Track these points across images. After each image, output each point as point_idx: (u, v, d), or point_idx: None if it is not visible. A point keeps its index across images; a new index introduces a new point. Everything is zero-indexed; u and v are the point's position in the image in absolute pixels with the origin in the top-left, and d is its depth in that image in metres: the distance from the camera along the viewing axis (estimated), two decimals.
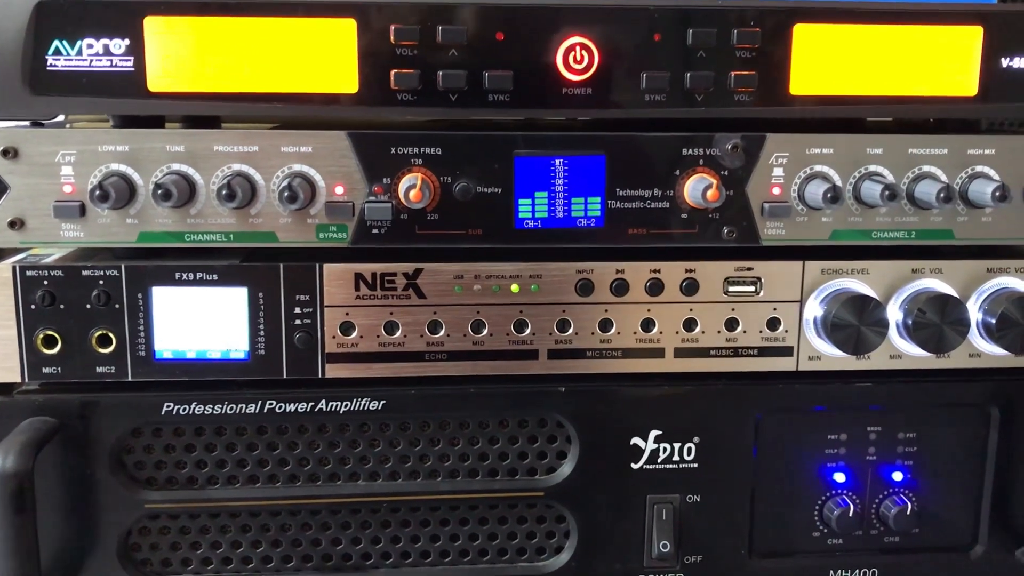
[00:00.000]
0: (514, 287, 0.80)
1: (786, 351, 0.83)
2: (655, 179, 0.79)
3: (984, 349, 0.84)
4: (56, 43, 0.73)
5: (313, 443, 0.82)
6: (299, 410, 0.80)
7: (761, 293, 0.82)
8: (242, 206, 0.76)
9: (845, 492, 0.87)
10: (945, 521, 0.88)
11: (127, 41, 0.73)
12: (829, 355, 0.83)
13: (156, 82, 0.74)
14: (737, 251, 0.81)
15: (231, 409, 0.79)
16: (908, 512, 0.86)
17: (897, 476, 0.87)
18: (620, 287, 0.80)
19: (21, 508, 0.73)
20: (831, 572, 0.88)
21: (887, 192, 0.77)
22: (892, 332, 0.82)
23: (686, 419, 0.84)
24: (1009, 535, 0.88)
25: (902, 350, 0.83)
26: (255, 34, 0.73)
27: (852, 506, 0.86)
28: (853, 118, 0.84)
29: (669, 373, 0.83)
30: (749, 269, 0.81)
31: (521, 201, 0.78)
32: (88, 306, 0.77)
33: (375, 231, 0.78)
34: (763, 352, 0.83)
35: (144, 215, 0.76)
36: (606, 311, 0.81)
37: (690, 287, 0.81)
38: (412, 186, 0.75)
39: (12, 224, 0.75)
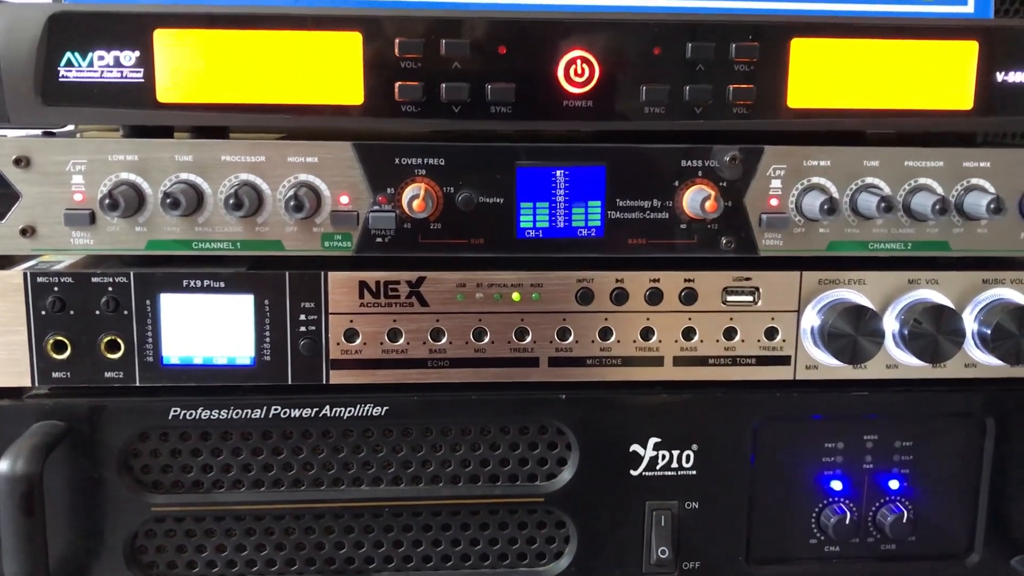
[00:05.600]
0: (515, 295, 0.81)
1: (783, 360, 0.84)
2: (655, 190, 0.80)
3: (979, 359, 0.84)
4: (68, 54, 0.74)
5: (317, 448, 0.83)
6: (304, 415, 0.81)
7: (759, 303, 0.83)
8: (249, 215, 0.77)
9: (842, 500, 0.88)
10: (941, 529, 0.89)
11: (137, 53, 0.74)
12: (826, 364, 0.84)
13: (165, 93, 0.75)
14: (735, 261, 0.82)
15: (237, 414, 0.81)
16: (904, 520, 0.87)
17: (893, 484, 0.88)
18: (620, 296, 0.82)
19: (30, 510, 0.74)
20: None
21: (883, 204, 0.77)
22: (888, 342, 0.83)
23: (685, 427, 0.85)
24: (1004, 543, 0.89)
25: (898, 360, 0.84)
26: (263, 47, 0.75)
27: (849, 514, 0.87)
28: (850, 131, 0.85)
29: (668, 381, 0.84)
30: (747, 279, 0.83)
31: (523, 211, 0.79)
32: (97, 312, 0.78)
33: (379, 240, 0.79)
34: (761, 361, 0.84)
35: (153, 223, 0.78)
36: (606, 320, 0.82)
37: (689, 296, 0.82)
38: (416, 196, 0.76)
39: (24, 231, 0.77)
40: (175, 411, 0.80)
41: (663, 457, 0.85)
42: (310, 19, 0.74)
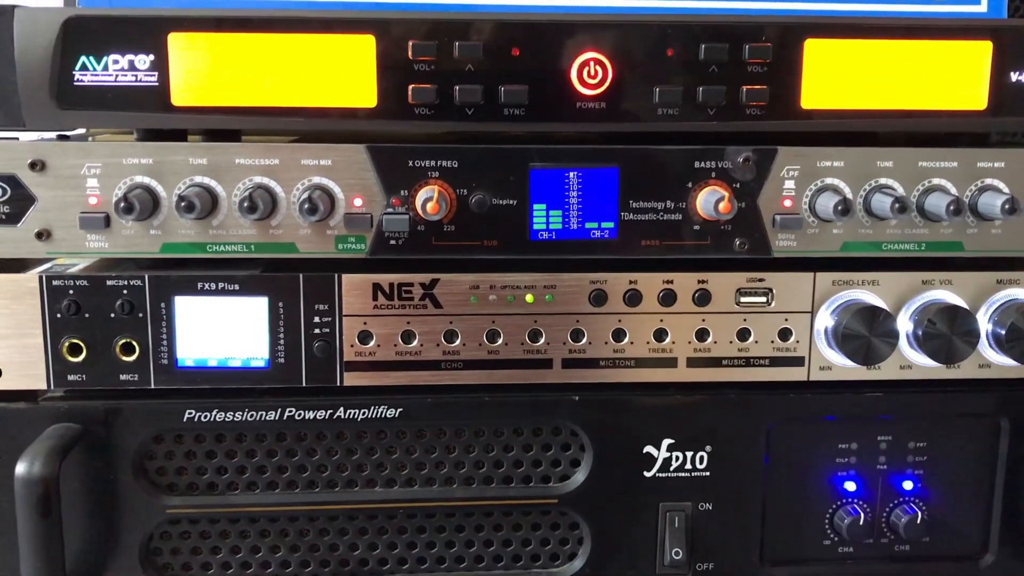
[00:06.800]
0: (529, 297, 0.81)
1: (797, 361, 0.84)
2: (668, 191, 0.80)
3: (994, 360, 0.84)
4: (83, 58, 0.74)
5: (331, 450, 0.84)
6: (318, 417, 0.82)
7: (772, 304, 0.83)
8: (263, 218, 0.77)
9: (856, 501, 0.87)
10: (955, 530, 0.89)
11: (152, 57, 0.75)
12: (840, 365, 0.84)
13: (180, 96, 0.75)
14: (749, 262, 0.82)
15: (251, 416, 0.81)
16: (918, 521, 0.87)
17: (907, 485, 0.88)
18: (633, 297, 0.82)
19: (47, 512, 0.74)
20: None
21: (897, 205, 0.77)
22: (902, 343, 0.83)
23: (698, 428, 0.85)
24: (1019, 544, 0.89)
25: (912, 360, 0.84)
26: (276, 50, 0.75)
27: (863, 515, 0.86)
28: (863, 131, 0.85)
29: (681, 383, 0.84)
30: (761, 280, 0.83)
31: (536, 213, 0.80)
32: (112, 315, 0.79)
33: (392, 242, 0.79)
34: (774, 362, 0.84)
35: (167, 226, 0.78)
36: (619, 321, 0.82)
37: (702, 298, 0.82)
38: (429, 198, 0.76)
39: (39, 235, 0.77)
40: (190, 413, 0.81)
41: (677, 458, 0.85)
42: (323, 22, 0.74)
